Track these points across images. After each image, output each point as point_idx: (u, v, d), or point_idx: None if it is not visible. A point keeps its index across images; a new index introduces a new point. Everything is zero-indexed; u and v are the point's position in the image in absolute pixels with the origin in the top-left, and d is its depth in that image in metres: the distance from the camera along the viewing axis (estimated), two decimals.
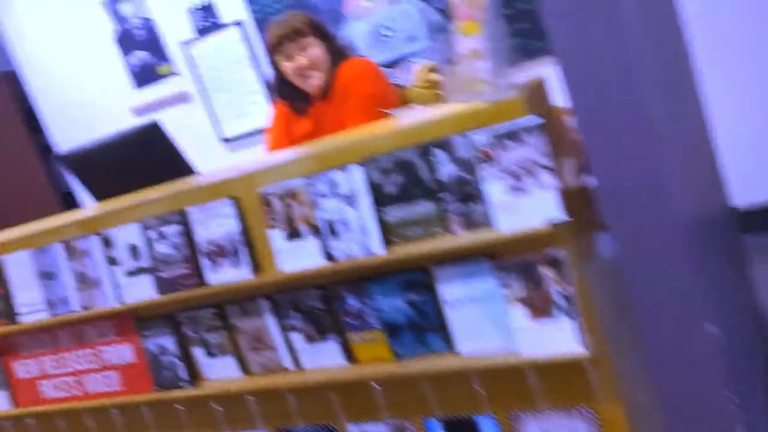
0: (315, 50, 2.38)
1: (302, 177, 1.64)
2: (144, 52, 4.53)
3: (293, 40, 2.37)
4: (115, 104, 4.71)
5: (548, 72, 1.46)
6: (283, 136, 2.51)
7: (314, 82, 2.39)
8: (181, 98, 4.52)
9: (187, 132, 4.61)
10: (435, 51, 3.42)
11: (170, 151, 2.19)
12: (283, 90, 2.49)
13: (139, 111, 4.66)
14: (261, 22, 4.07)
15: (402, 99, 2.28)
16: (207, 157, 4.65)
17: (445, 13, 3.65)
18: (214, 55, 4.30)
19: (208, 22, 4.25)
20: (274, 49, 2.41)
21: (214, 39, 4.26)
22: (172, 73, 4.48)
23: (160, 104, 4.59)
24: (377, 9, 3.74)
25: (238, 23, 4.15)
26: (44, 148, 5.33)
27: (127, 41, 4.55)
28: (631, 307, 1.43)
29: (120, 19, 4.52)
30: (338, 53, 2.43)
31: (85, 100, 4.83)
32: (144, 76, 4.58)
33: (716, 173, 2.08)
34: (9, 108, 5.77)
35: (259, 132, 4.29)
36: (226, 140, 4.46)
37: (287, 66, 2.40)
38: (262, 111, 4.24)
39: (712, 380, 1.40)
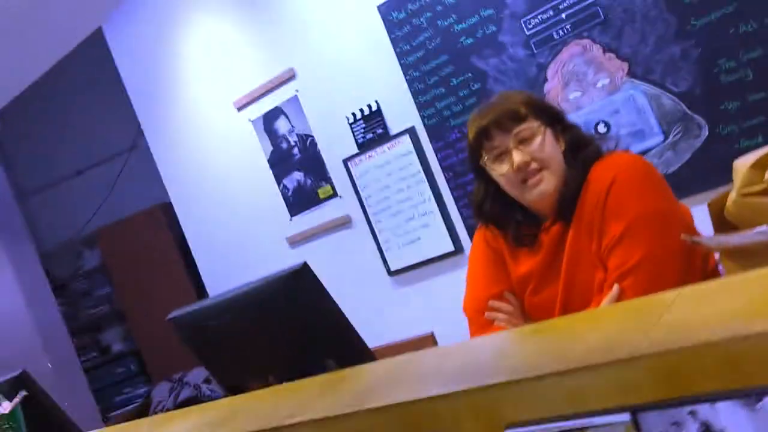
0: (541, 141, 1.54)
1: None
2: (300, 173, 3.93)
3: (506, 129, 1.54)
4: (268, 235, 4.11)
5: None
6: (490, 281, 1.65)
7: (544, 187, 1.53)
8: (342, 223, 3.84)
9: (349, 263, 4.07)
10: None
11: (327, 313, 1.38)
12: (491, 210, 1.64)
13: (294, 242, 4.02)
14: (435, 129, 3.36)
15: (716, 213, 1.35)
16: (372, 295, 3.96)
17: (683, 97, 2.74)
18: (379, 171, 3.61)
19: (372, 134, 3.59)
20: (476, 147, 1.59)
21: (378, 152, 3.58)
22: (334, 195, 3.83)
23: (317, 233, 3.94)
24: (589, 99, 2.90)
25: (406, 132, 3.45)
26: (200, 285, 4.83)
27: (282, 162, 3.98)
28: None
29: (275, 136, 3.98)
30: (580, 145, 1.57)
31: (237, 230, 4.28)
32: (300, 199, 3.96)
33: None
34: (166, 241, 5.44)
35: (428, 262, 3.48)
36: (393, 272, 3.68)
37: (498, 170, 1.57)
38: (434, 237, 3.44)
39: None
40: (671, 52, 2.72)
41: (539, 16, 3.00)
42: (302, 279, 1.34)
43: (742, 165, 1.30)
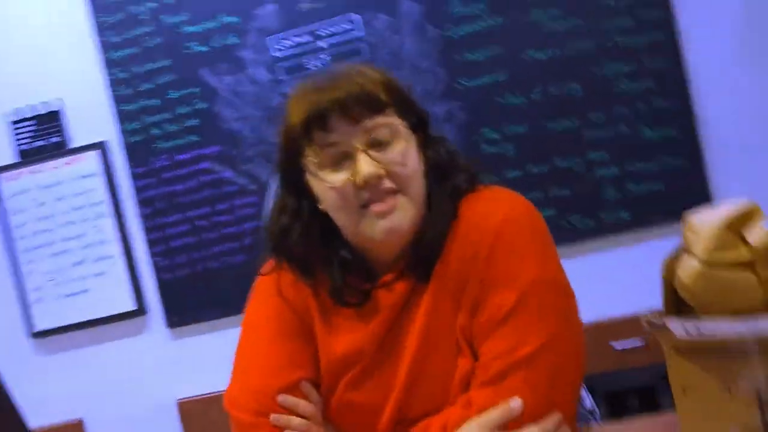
0: (404, 150, 0.99)
1: None
2: None
3: (355, 120, 0.97)
4: None
5: None
6: (283, 362, 1.03)
7: (397, 219, 0.97)
8: None
9: None
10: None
11: None
12: (300, 242, 1.04)
13: None
14: (137, 150, 2.59)
15: (671, 287, 0.90)
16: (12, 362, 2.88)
17: None
18: (44, 193, 2.68)
19: (43, 141, 2.66)
20: (300, 136, 0.99)
21: (49, 168, 2.66)
22: None
23: None
24: None
25: (95, 146, 2.62)
26: None
27: None
28: None
29: None
30: (449, 168, 1.05)
31: None
32: None
33: None
34: None
35: (94, 323, 2.64)
36: (37, 334, 2.71)
37: (328, 179, 0.98)
38: (108, 290, 2.62)
39: None
40: (436, 109, 2.42)
41: (293, 38, 2.50)
42: None
43: (708, 221, 0.91)
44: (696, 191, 2.30)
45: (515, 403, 0.90)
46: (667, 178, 2.32)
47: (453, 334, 0.98)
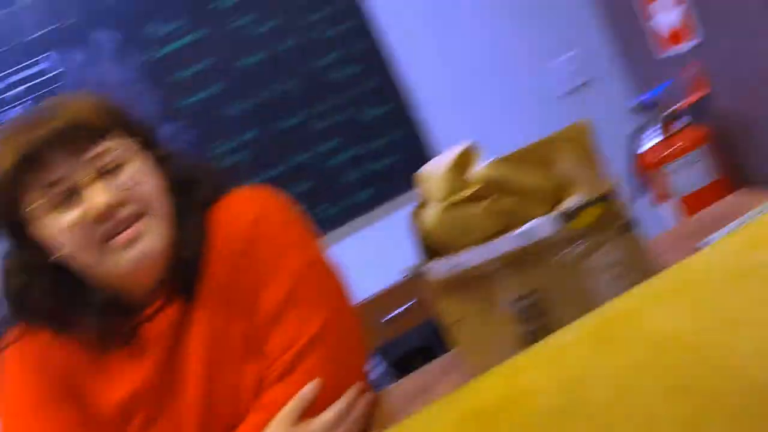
0: (137, 171, 0.95)
1: None
2: None
3: (73, 152, 0.91)
4: None
5: None
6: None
7: (146, 245, 0.93)
8: None
9: None
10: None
11: None
12: (45, 299, 0.96)
13: None
14: None
15: (420, 229, 0.96)
16: None
17: None
18: None
19: None
20: (14, 185, 0.90)
21: None
22: None
23: None
24: None
25: None
26: None
27: None
28: None
29: None
30: (192, 180, 1.03)
31: None
32: None
33: None
34: None
35: None
36: None
37: (58, 223, 0.91)
38: None
39: None
40: (161, 133, 2.34)
41: None
42: None
43: (436, 170, 0.99)
44: (424, 155, 2.49)
45: (307, 389, 0.92)
46: (397, 150, 2.49)
47: (236, 344, 0.96)
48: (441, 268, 0.92)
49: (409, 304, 2.47)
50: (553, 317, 0.90)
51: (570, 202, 0.89)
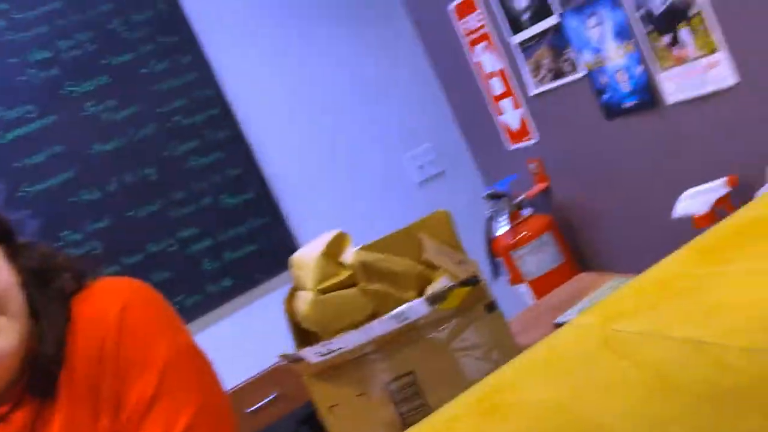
0: None
1: None
2: None
3: None
4: None
5: None
6: None
7: (2, 345, 0.87)
8: None
9: None
10: None
11: None
12: None
13: None
14: None
15: (294, 317, 0.95)
16: None
17: None
18: None
19: None
20: None
21: None
22: None
23: None
24: None
25: None
26: None
27: None
28: None
29: None
30: (49, 271, 0.98)
31: None
32: None
33: None
34: None
35: None
36: None
37: None
38: None
39: None
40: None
41: None
42: None
43: (309, 256, 1.01)
44: (285, 242, 2.49)
45: None
46: (257, 237, 2.48)
47: None
48: (315, 353, 0.92)
49: (273, 395, 2.42)
50: (427, 398, 0.92)
51: (437, 285, 0.93)
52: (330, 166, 2.61)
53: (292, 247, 2.48)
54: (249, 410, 2.34)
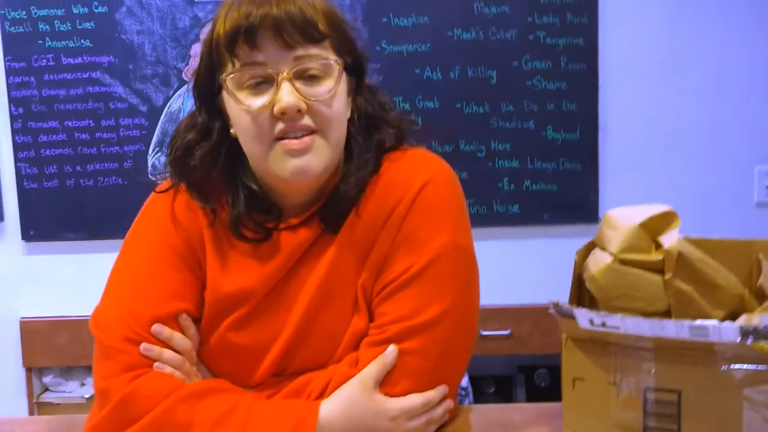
0: (332, 89, 0.91)
1: None
2: None
3: (287, 44, 0.88)
4: None
5: None
6: (166, 289, 0.94)
7: (309, 161, 0.90)
8: None
9: None
10: None
11: None
12: (203, 163, 0.95)
13: None
14: (12, 39, 2.34)
15: (584, 280, 0.89)
16: None
17: None
18: None
19: None
20: (224, 50, 0.89)
21: None
22: None
23: None
24: None
25: None
26: None
27: None
28: None
29: None
30: (378, 121, 0.99)
31: None
32: None
33: None
34: None
35: None
36: None
37: (244, 101, 0.89)
38: None
39: None
40: None
41: None
42: None
43: (626, 218, 0.90)
44: (587, 198, 2.37)
45: (390, 355, 0.88)
46: (560, 180, 2.37)
47: (352, 291, 0.93)
48: (588, 318, 0.83)
49: (507, 331, 2.38)
50: (682, 426, 0.80)
51: (761, 320, 0.78)
52: (663, 148, 2.38)
53: (590, 206, 2.35)
54: (482, 332, 2.34)
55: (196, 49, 2.35)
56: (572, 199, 2.37)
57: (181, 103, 2.37)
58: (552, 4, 2.33)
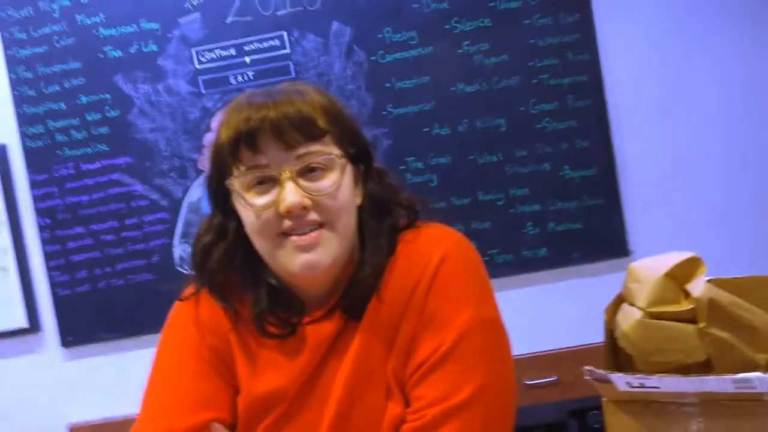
0: (336, 182, 0.92)
1: None
2: None
3: (288, 144, 0.90)
4: None
5: None
6: (197, 399, 0.94)
7: (318, 256, 0.91)
8: None
9: None
10: None
11: None
12: (222, 263, 0.97)
13: None
14: (39, 156, 2.41)
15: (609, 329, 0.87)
16: None
17: None
18: None
19: None
20: (228, 155, 0.92)
21: None
22: None
23: None
24: None
25: None
26: None
27: None
28: None
29: None
30: (388, 204, 1.00)
31: None
32: None
33: None
34: None
35: None
36: None
37: (250, 201, 0.91)
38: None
39: None
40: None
41: (217, 51, 2.41)
42: None
43: (650, 271, 0.88)
44: (614, 232, 2.34)
45: None
46: (586, 217, 2.35)
47: (383, 378, 0.92)
48: (625, 381, 0.81)
49: (553, 378, 2.33)
50: None
51: None
52: (687, 175, 2.35)
53: (619, 240, 2.32)
54: (527, 382, 2.30)
55: (209, 138, 2.39)
56: (599, 235, 2.34)
57: (201, 192, 2.41)
58: (551, 45, 2.34)
